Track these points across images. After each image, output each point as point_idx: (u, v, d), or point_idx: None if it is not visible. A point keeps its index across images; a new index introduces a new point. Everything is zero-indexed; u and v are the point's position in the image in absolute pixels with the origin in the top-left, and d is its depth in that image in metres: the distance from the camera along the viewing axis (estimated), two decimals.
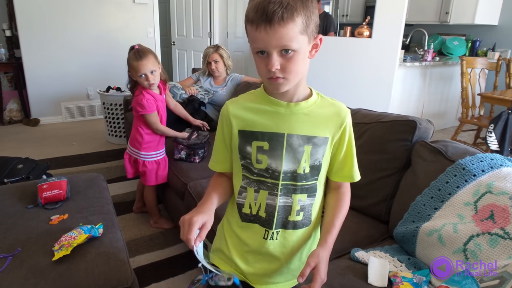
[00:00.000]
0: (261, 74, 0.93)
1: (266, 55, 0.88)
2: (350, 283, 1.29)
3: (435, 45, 5.91)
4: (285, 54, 0.87)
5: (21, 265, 1.38)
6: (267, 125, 1.00)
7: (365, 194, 1.84)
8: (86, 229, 1.54)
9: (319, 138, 0.99)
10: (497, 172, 1.36)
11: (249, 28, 0.88)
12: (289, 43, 0.86)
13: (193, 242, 0.94)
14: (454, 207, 1.36)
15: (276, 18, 0.82)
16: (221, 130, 1.08)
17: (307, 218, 1.07)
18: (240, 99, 1.08)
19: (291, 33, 0.85)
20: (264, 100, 1.02)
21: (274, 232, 1.05)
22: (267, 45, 0.86)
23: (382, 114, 1.95)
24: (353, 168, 1.09)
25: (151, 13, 5.59)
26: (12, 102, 5.15)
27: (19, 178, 2.60)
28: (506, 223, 1.18)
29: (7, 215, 1.73)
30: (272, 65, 0.87)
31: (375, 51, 3.95)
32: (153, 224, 2.61)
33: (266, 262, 1.09)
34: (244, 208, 1.07)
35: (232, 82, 3.36)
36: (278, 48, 0.86)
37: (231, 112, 1.04)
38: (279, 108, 1.00)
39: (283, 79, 0.90)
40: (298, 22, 0.85)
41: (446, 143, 1.64)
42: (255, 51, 0.90)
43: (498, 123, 2.99)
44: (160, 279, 2.10)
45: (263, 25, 0.84)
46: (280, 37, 0.84)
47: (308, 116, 1.00)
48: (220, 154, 1.11)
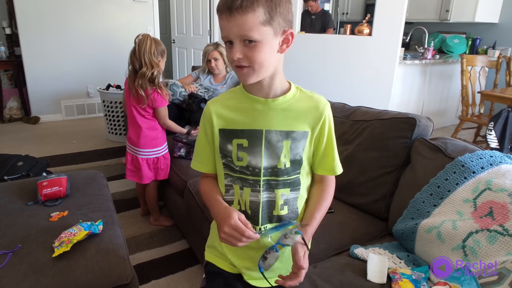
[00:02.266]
0: (231, 64, 0.95)
1: (232, 44, 0.91)
2: (349, 279, 1.29)
3: (436, 43, 5.90)
4: (248, 44, 0.89)
5: (21, 262, 1.38)
6: (246, 123, 1.01)
7: (365, 192, 1.84)
8: (86, 226, 1.54)
9: (298, 132, 1.00)
10: (496, 169, 1.36)
11: (218, 17, 0.91)
12: (249, 33, 0.88)
13: (253, 234, 0.95)
14: (453, 204, 1.36)
15: (235, 5, 0.85)
16: (203, 130, 1.09)
17: (292, 211, 1.07)
18: (221, 97, 1.10)
19: (250, 22, 0.87)
20: (243, 97, 1.03)
21: (262, 228, 1.06)
22: (229, 33, 0.89)
23: (382, 112, 1.95)
24: (334, 161, 1.08)
25: (151, 11, 5.59)
26: (12, 100, 5.15)
27: (19, 175, 2.60)
28: (505, 219, 1.18)
29: (7, 212, 1.74)
30: (234, 53, 0.90)
31: (375, 49, 3.94)
32: (153, 222, 2.62)
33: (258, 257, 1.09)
34: (233, 205, 1.08)
35: (232, 80, 3.36)
36: (240, 37, 0.89)
37: (212, 111, 1.06)
38: (256, 105, 1.01)
39: (248, 67, 0.92)
40: (259, 13, 0.87)
41: (445, 140, 1.64)
42: (224, 41, 0.93)
43: (498, 121, 2.99)
44: (160, 276, 2.11)
45: (224, 13, 0.88)
46: (240, 25, 0.87)
47: (286, 111, 1.00)
48: (204, 154, 1.12)
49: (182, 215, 2.28)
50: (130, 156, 2.50)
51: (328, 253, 1.54)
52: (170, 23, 6.27)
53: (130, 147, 2.49)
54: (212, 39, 5.76)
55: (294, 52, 4.41)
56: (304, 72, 4.34)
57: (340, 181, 1.80)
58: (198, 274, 2.13)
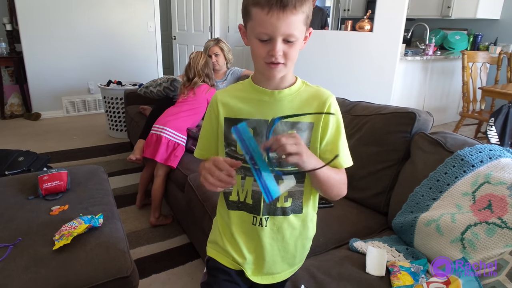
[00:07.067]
0: (258, 59, 0.94)
1: (269, 41, 0.90)
2: (348, 272, 1.30)
3: (437, 39, 5.89)
4: (288, 41, 0.90)
5: (22, 254, 1.39)
6: (251, 112, 1.02)
7: (365, 186, 1.85)
8: (86, 219, 1.55)
9: (303, 123, 1.00)
10: (495, 163, 1.36)
11: (258, 12, 0.88)
12: (295, 32, 0.88)
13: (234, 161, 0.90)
14: (453, 197, 1.36)
15: (290, 5, 0.85)
16: (209, 119, 1.09)
17: (297, 205, 1.07)
18: (229, 88, 1.11)
19: (298, 21, 0.88)
20: (251, 88, 1.04)
21: (263, 219, 1.06)
22: (274, 31, 0.88)
23: (382, 107, 1.95)
24: (340, 154, 1.04)
25: (152, 7, 5.59)
26: (13, 96, 5.15)
27: (20, 170, 2.61)
28: (504, 212, 1.18)
29: (8, 206, 1.75)
30: (277, 51, 0.89)
31: (376, 45, 3.94)
32: (154, 222, 2.57)
33: (260, 251, 1.10)
34: (232, 196, 1.08)
35: (232, 76, 3.36)
36: (285, 36, 0.88)
37: (218, 99, 1.06)
38: (263, 96, 1.01)
39: (283, 64, 0.92)
40: (306, 12, 0.89)
41: (445, 134, 1.64)
42: (259, 36, 0.90)
43: (498, 116, 2.99)
44: (160, 270, 2.12)
45: (276, 10, 0.85)
46: (289, 24, 0.87)
47: (292, 103, 1.01)
48: (208, 143, 1.12)
49: (183, 209, 2.29)
50: (155, 136, 2.59)
51: (327, 246, 1.55)
52: (171, 19, 6.27)
53: (156, 128, 2.62)
54: (213, 35, 5.76)
55: None
56: (305, 68, 4.33)
57: None
58: (199, 268, 2.13)
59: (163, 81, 3.27)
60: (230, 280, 1.11)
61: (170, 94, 3.23)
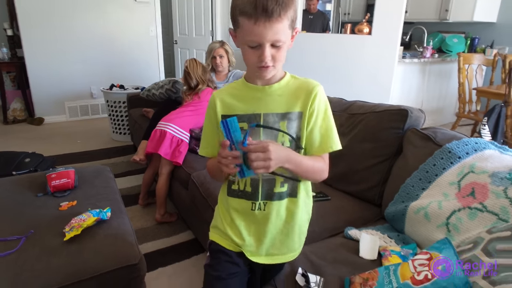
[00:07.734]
0: (250, 64, 1.04)
1: (258, 47, 0.99)
2: (343, 256, 1.38)
3: (435, 42, 5.97)
4: (275, 45, 0.99)
5: (34, 245, 1.47)
6: (245, 108, 1.11)
7: (360, 180, 1.93)
8: (95, 213, 1.62)
9: (293, 113, 1.09)
10: (480, 154, 1.45)
11: (246, 21, 0.97)
12: (281, 37, 0.98)
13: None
14: (440, 186, 1.45)
15: (275, 14, 0.94)
16: (209, 117, 1.19)
17: (292, 189, 1.16)
18: (225, 87, 1.21)
19: (283, 28, 0.98)
20: (244, 86, 1.14)
21: (261, 203, 1.15)
22: (262, 38, 0.97)
23: (376, 105, 2.03)
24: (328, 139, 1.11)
25: (153, 11, 5.65)
26: (15, 101, 5.16)
27: (27, 170, 2.68)
28: (485, 198, 1.27)
29: (17, 202, 1.82)
30: (266, 56, 0.99)
31: (375, 48, 4.01)
32: (160, 219, 2.66)
33: (258, 234, 1.18)
34: (234, 185, 1.17)
35: (234, 78, 3.43)
36: (272, 41, 0.98)
37: (216, 98, 1.16)
38: (256, 93, 1.11)
39: (272, 67, 1.03)
40: (291, 17, 0.99)
41: (435, 129, 1.72)
42: (248, 43, 1.00)
43: (491, 115, 3.07)
44: (166, 264, 2.20)
45: (262, 20, 0.95)
46: (276, 32, 0.96)
47: (281, 96, 1.10)
48: (210, 139, 1.21)
49: (187, 206, 2.36)
50: (159, 131, 2.66)
51: (323, 235, 1.62)
52: (172, 23, 6.35)
53: (162, 124, 2.70)
54: (215, 39, 5.83)
55: (295, 51, 4.49)
56: (304, 71, 4.40)
57: (337, 170, 1.91)
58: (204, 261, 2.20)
59: (165, 83, 3.34)
60: (231, 261, 1.19)
61: (172, 96, 3.30)
